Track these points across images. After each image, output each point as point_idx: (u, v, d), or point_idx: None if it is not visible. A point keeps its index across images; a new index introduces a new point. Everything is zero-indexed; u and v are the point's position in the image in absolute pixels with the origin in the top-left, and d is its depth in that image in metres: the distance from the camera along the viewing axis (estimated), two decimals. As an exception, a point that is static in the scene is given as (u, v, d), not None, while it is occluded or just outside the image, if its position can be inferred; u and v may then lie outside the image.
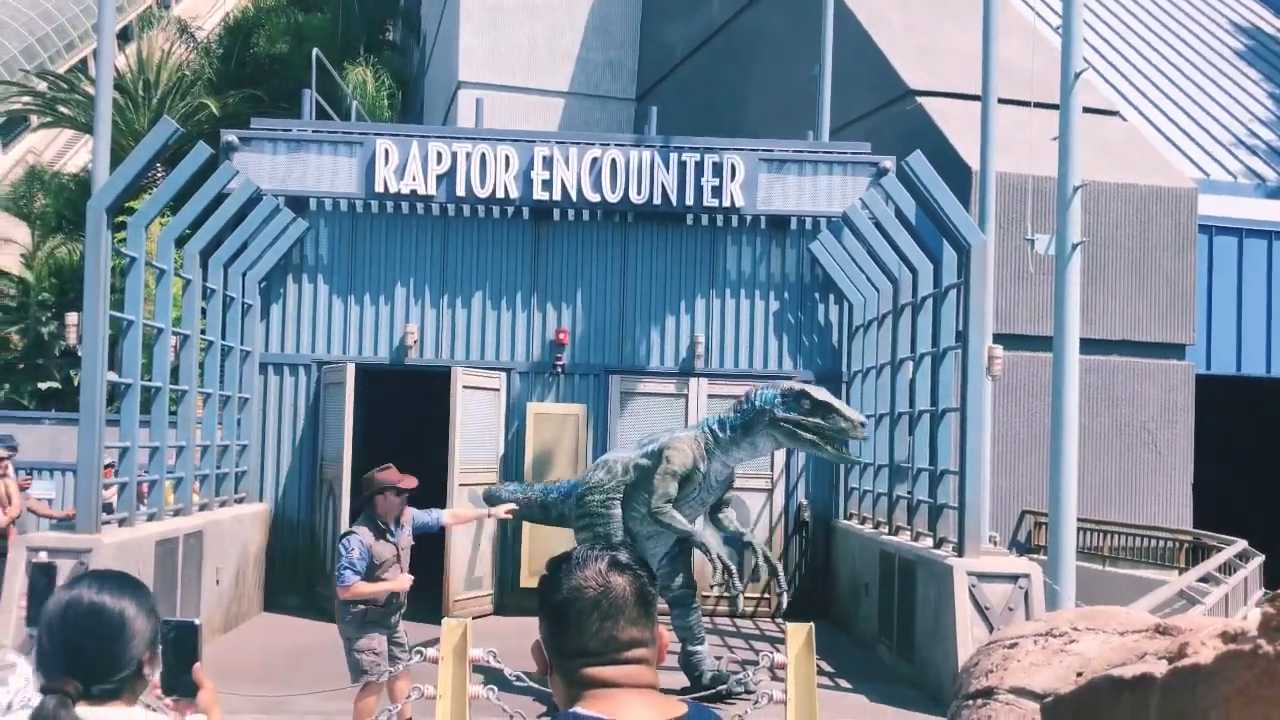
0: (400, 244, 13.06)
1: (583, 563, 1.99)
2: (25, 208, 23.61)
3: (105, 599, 2.22)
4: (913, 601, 9.88)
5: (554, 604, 1.97)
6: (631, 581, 1.99)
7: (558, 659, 1.97)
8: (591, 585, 1.96)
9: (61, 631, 2.17)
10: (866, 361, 12.52)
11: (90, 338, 8.90)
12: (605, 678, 1.94)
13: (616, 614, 1.95)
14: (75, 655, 2.16)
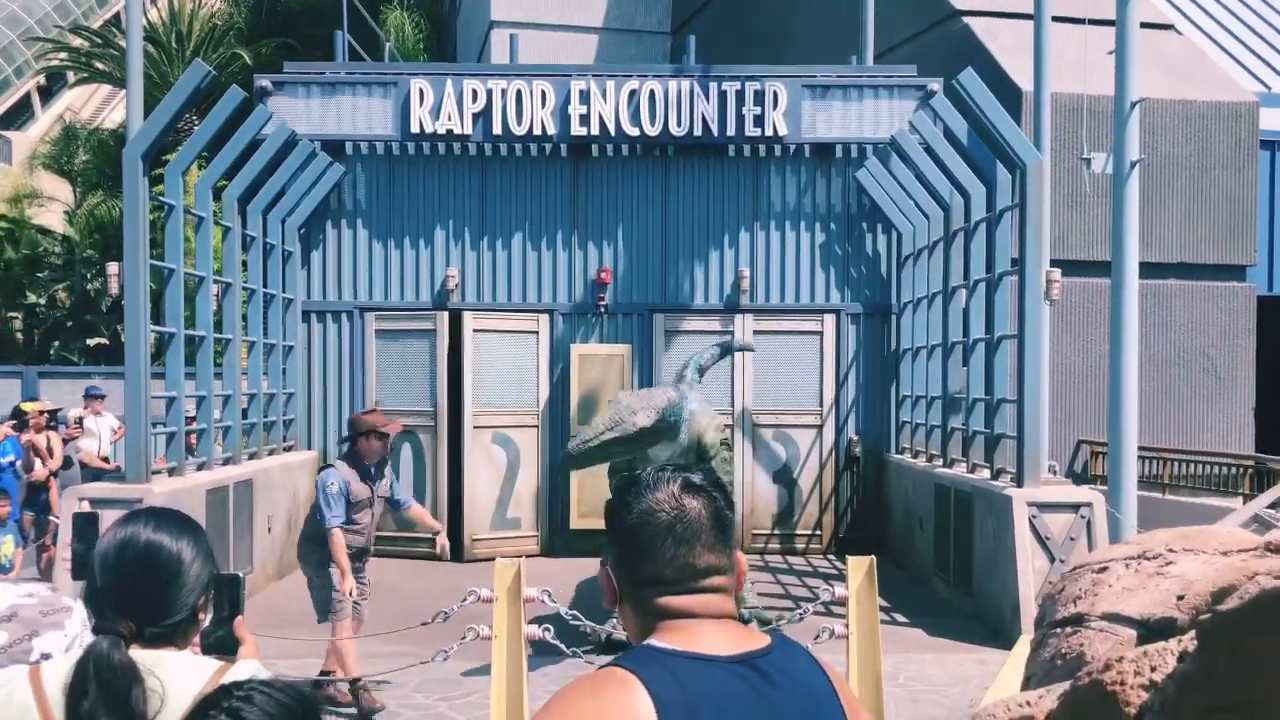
0: (438, 186, 12.90)
1: (654, 485, 1.82)
2: (66, 165, 23.66)
3: (163, 538, 2.11)
4: (970, 534, 9.71)
5: (624, 529, 1.81)
6: (707, 504, 1.82)
7: (629, 588, 1.82)
8: (665, 508, 1.79)
9: (116, 570, 2.06)
10: (917, 291, 12.23)
11: (132, 287, 8.84)
12: (681, 607, 1.78)
13: (692, 539, 1.79)
14: (129, 595, 2.05)
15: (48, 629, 2.39)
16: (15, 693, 2.01)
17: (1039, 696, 2.11)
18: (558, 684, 7.29)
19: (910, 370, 12.46)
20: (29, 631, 2.37)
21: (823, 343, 12.90)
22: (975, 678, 7.73)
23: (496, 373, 12.60)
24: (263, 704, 1.70)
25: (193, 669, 2.08)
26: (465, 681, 7.44)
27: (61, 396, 13.77)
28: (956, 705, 7.15)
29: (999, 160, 9.69)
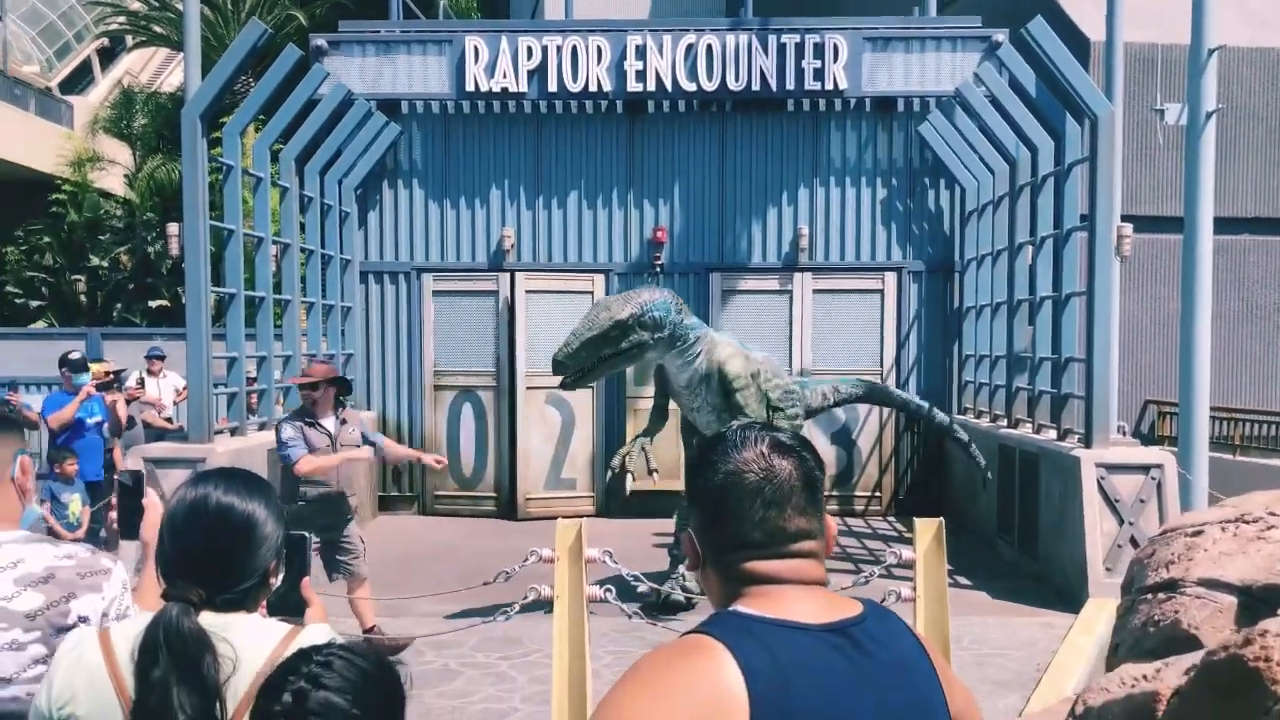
0: (493, 145, 12.82)
1: (740, 444, 1.73)
2: (125, 129, 23.87)
3: (234, 500, 2.05)
4: (1035, 495, 9.53)
5: (708, 490, 1.72)
6: (797, 465, 1.72)
7: (714, 552, 1.73)
8: (753, 469, 1.70)
9: (186, 534, 2.01)
10: (981, 248, 11.97)
11: (192, 248, 8.88)
12: (770, 572, 1.69)
13: (782, 501, 1.69)
14: (201, 560, 2.00)
15: (85, 591, 2.35)
16: (85, 655, 1.98)
17: (1156, 670, 2.00)
18: (619, 645, 7.29)
19: (974, 329, 12.22)
20: (66, 594, 2.33)
21: (883, 301, 12.68)
22: (1041, 641, 7.60)
23: (551, 333, 12.55)
24: (343, 670, 1.66)
25: (263, 633, 2.04)
26: (525, 641, 7.45)
27: (125, 358, 13.95)
28: (1022, 669, 7.03)
29: (1068, 112, 9.42)
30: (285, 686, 1.64)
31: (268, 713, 1.64)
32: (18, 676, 2.27)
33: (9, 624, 2.27)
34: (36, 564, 2.34)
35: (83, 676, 1.95)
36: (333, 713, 1.62)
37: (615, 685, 1.61)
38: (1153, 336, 14.08)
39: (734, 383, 8.17)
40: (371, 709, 1.65)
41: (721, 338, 8.49)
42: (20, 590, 2.30)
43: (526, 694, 6.53)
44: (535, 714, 6.15)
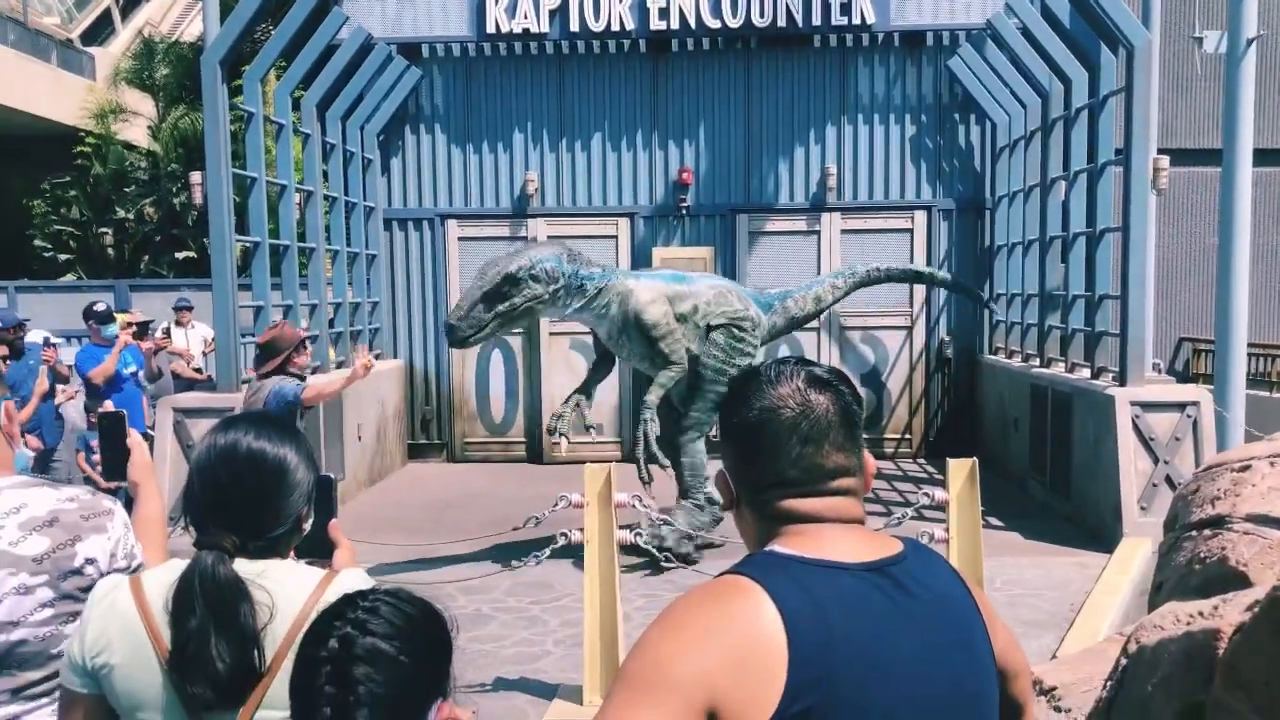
0: (515, 88, 12.66)
1: (775, 378, 1.66)
2: (147, 80, 23.75)
3: (265, 445, 2.01)
4: (1068, 435, 9.43)
5: (742, 427, 1.66)
6: (835, 399, 1.65)
7: (749, 491, 1.66)
8: (789, 404, 1.63)
9: (217, 481, 1.97)
10: (1013, 185, 11.76)
11: (215, 196, 8.84)
12: (808, 511, 1.63)
13: (820, 437, 1.63)
14: (233, 507, 1.97)
15: (90, 533, 2.33)
16: (118, 602, 1.96)
17: (1214, 607, 1.93)
18: (649, 589, 7.30)
19: (1005, 267, 12.06)
20: (71, 537, 2.31)
21: (913, 240, 12.52)
22: (1075, 581, 7.55)
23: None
24: (389, 615, 1.64)
25: (298, 578, 2.01)
26: (556, 585, 7.47)
27: (152, 309, 14.00)
28: (1056, 609, 6.99)
29: (1103, 42, 9.19)
30: (331, 632, 1.62)
31: (313, 658, 1.61)
32: (25, 619, 2.25)
33: (16, 568, 2.26)
34: (40, 508, 2.32)
35: (116, 624, 1.93)
36: (379, 659, 1.59)
37: (650, 626, 1.56)
38: (1189, 272, 13.85)
39: (652, 330, 7.93)
40: (418, 654, 1.63)
41: (641, 282, 8.12)
42: (25, 535, 2.28)
43: (559, 637, 6.55)
44: (568, 657, 6.17)
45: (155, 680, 1.91)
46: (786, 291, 9.02)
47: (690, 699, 1.46)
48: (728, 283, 8.69)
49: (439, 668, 1.65)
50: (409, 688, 1.60)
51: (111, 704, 1.94)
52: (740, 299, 8.42)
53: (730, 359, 8.17)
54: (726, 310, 8.24)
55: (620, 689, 1.50)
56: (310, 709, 1.59)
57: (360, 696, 1.57)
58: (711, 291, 8.31)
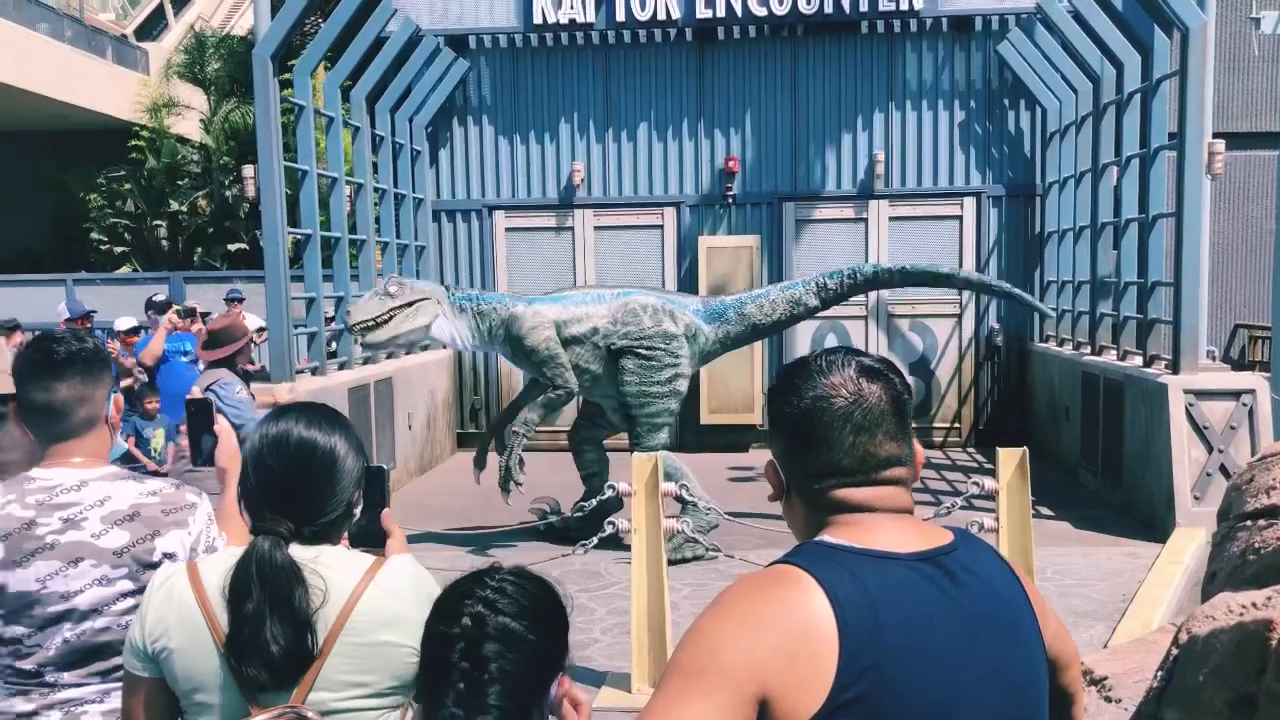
0: (562, 79, 12.70)
1: (827, 368, 1.67)
2: (199, 74, 24.05)
3: (316, 434, 2.06)
4: (1120, 424, 9.32)
5: (793, 416, 1.67)
6: (886, 388, 1.67)
7: (801, 480, 1.68)
8: (842, 393, 1.64)
9: (271, 469, 2.03)
10: (1064, 170, 11.61)
11: (267, 189, 8.96)
12: (859, 500, 1.65)
13: (873, 426, 1.64)
14: (286, 494, 2.02)
15: (170, 528, 2.39)
16: (175, 590, 2.01)
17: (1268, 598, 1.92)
18: (696, 578, 7.32)
19: (1056, 254, 11.92)
20: (151, 531, 2.38)
21: (962, 227, 12.41)
22: (1126, 572, 7.47)
23: (623, 267, 12.53)
24: (516, 594, 1.69)
25: (349, 564, 2.06)
26: (604, 574, 7.51)
27: (206, 300, 14.21)
28: (1107, 600, 6.92)
29: (1157, 25, 9.04)
30: (461, 610, 1.67)
31: (446, 635, 1.67)
32: (107, 609, 2.34)
33: (98, 560, 2.34)
34: (123, 501, 2.39)
35: (174, 610, 1.99)
36: (510, 636, 1.65)
37: (701, 615, 1.58)
38: (1244, 258, 13.62)
39: (531, 356, 8.12)
40: (543, 632, 1.68)
41: (533, 306, 8.20)
42: (108, 528, 2.35)
43: (606, 625, 6.60)
44: (615, 644, 6.21)
45: (213, 663, 1.96)
46: (749, 295, 8.67)
47: (741, 687, 1.48)
48: (651, 297, 8.43)
49: (560, 644, 1.71)
50: (535, 663, 1.66)
51: (171, 686, 2.01)
52: (656, 315, 8.22)
53: (646, 379, 8.15)
54: (631, 330, 8.17)
55: (672, 676, 1.53)
56: (443, 683, 1.65)
57: (492, 673, 1.63)
58: (619, 310, 8.20)
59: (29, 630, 2.33)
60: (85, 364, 2.44)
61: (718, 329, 8.50)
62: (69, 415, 2.42)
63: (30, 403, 2.42)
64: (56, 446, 2.43)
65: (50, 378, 2.41)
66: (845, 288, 8.61)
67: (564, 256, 12.70)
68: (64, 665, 2.35)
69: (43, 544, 2.33)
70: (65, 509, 2.36)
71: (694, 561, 7.73)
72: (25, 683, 2.35)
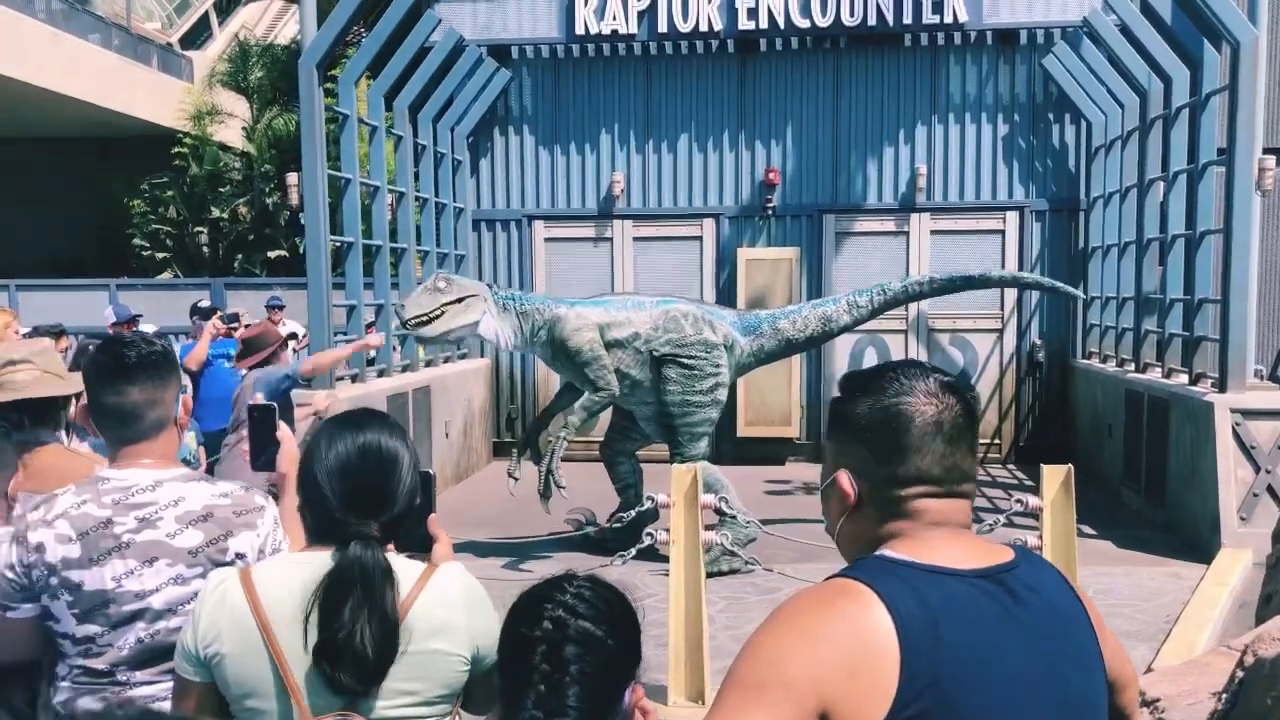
0: (603, 89, 12.74)
1: (909, 376, 1.66)
2: (242, 82, 24.32)
3: (397, 443, 2.09)
4: (1165, 442, 9.19)
5: (882, 423, 1.64)
6: (963, 404, 1.67)
7: (884, 487, 1.64)
8: (933, 403, 1.63)
9: (358, 474, 2.04)
10: (1108, 185, 11.50)
11: (311, 197, 9.03)
12: (939, 511, 1.63)
13: (958, 438, 1.64)
14: (369, 499, 2.04)
15: (241, 529, 2.42)
16: (228, 595, 2.02)
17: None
18: (732, 591, 7.28)
19: (1100, 270, 11.80)
20: (224, 531, 2.41)
21: (1004, 242, 12.31)
22: (1170, 592, 7.36)
23: (661, 278, 12.51)
24: (595, 601, 1.74)
25: (405, 569, 2.07)
26: (640, 585, 7.45)
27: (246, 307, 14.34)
28: (1151, 620, 6.82)
29: (1206, 39, 8.94)
30: (542, 614, 1.70)
31: (526, 638, 1.70)
32: (180, 608, 2.37)
33: (173, 559, 2.37)
34: (196, 502, 2.42)
35: (227, 616, 2.00)
36: (589, 640, 1.68)
37: (760, 627, 1.57)
38: (1292, 276, 13.40)
39: (575, 357, 8.09)
40: (620, 637, 1.72)
41: (575, 309, 8.22)
42: (182, 528, 2.39)
43: (642, 636, 6.55)
44: (651, 657, 6.08)
45: (265, 669, 1.97)
46: (783, 311, 8.78)
47: (802, 701, 1.47)
48: (690, 306, 8.48)
49: (634, 651, 1.75)
50: (612, 668, 1.70)
51: (222, 691, 2.01)
52: (697, 323, 8.25)
53: (689, 388, 8.16)
54: (673, 338, 8.18)
55: (731, 689, 1.51)
56: (523, 686, 1.68)
57: (573, 675, 1.66)
58: (661, 317, 8.22)
59: (102, 629, 2.36)
60: (155, 367, 2.48)
61: (752, 342, 8.55)
62: (141, 418, 2.45)
63: (102, 406, 2.46)
64: (128, 448, 2.46)
65: (122, 381, 2.44)
66: (875, 305, 8.75)
67: (602, 267, 12.72)
68: (136, 664, 2.38)
69: (119, 543, 2.36)
70: (141, 509, 2.39)
71: (730, 575, 7.68)
72: (96, 682, 2.38)
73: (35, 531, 2.36)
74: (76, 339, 9.35)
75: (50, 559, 2.34)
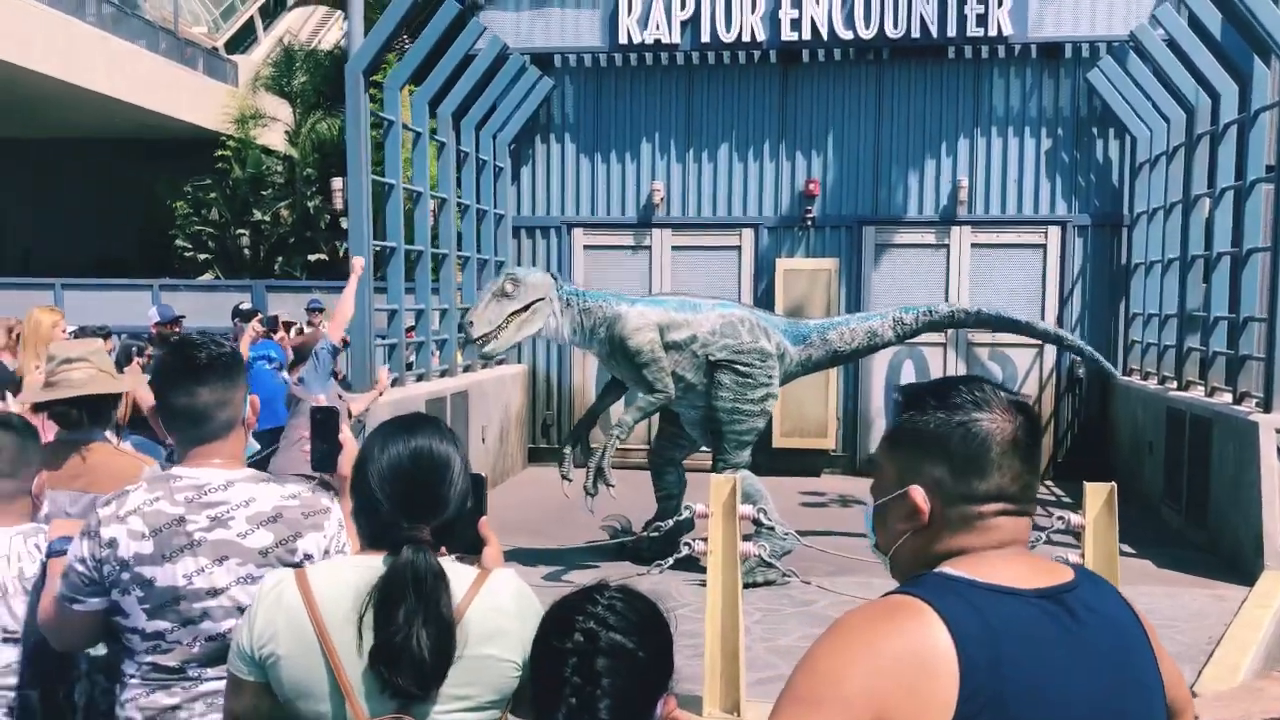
0: (645, 98, 12.78)
1: (980, 392, 1.66)
2: (286, 86, 24.59)
3: (448, 447, 2.11)
4: (1207, 461, 9.09)
5: (960, 437, 1.63)
6: (1033, 423, 1.69)
7: (960, 503, 1.63)
8: (1008, 419, 1.64)
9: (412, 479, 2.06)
10: (1153, 201, 11.39)
11: (355, 202, 9.11)
12: (1013, 529, 1.64)
13: (1030, 457, 1.65)
14: (423, 503, 2.06)
15: (309, 530, 2.45)
16: (285, 596, 2.04)
17: None
18: (768, 603, 7.26)
19: (1142, 286, 11.68)
20: (293, 532, 2.44)
21: (1046, 256, 12.23)
22: (1211, 614, 7.26)
23: (698, 287, 12.48)
24: (626, 613, 1.73)
25: (457, 575, 2.08)
26: (675, 595, 7.47)
27: (287, 309, 14.49)
28: (1192, 642, 6.73)
29: (1256, 54, 8.84)
30: (574, 626, 1.71)
31: (558, 650, 1.71)
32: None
33: (244, 559, 2.40)
34: (266, 503, 2.45)
35: (283, 617, 2.01)
36: (621, 653, 1.68)
37: (818, 642, 1.57)
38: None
39: (635, 357, 8.03)
40: (652, 650, 1.72)
41: (635, 307, 8.17)
42: (253, 528, 2.42)
43: (677, 647, 6.54)
44: (685, 667, 6.07)
45: (319, 671, 1.98)
46: (830, 322, 8.79)
47: (859, 717, 1.47)
48: (745, 312, 8.45)
49: (667, 663, 1.75)
50: (644, 680, 1.70)
51: (275, 692, 2.02)
52: (754, 330, 8.24)
53: (742, 395, 8.13)
54: (730, 344, 8.15)
55: (788, 703, 1.52)
56: (555, 698, 1.68)
57: (604, 687, 1.66)
58: (719, 322, 8.19)
59: (172, 625, 2.39)
60: (225, 369, 2.52)
61: (801, 351, 8.55)
62: (211, 418, 2.49)
63: (173, 407, 2.49)
64: (198, 448, 2.49)
65: (193, 383, 2.47)
66: (920, 325, 8.78)
67: (640, 275, 12.74)
68: (206, 661, 2.41)
69: (191, 540, 2.39)
70: (213, 508, 2.42)
71: (766, 586, 7.67)
72: (167, 678, 2.41)
73: (108, 527, 2.39)
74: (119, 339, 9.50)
75: (123, 554, 2.37)
